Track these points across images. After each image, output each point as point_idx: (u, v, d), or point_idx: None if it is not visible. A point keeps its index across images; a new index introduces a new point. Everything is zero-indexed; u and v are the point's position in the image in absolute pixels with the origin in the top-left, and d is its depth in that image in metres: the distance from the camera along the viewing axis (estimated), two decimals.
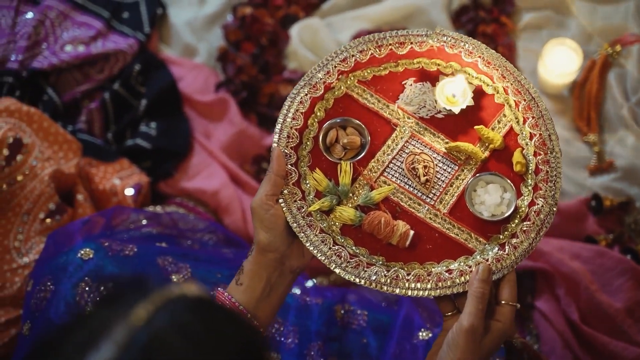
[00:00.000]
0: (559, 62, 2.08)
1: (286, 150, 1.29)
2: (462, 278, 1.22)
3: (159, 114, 2.10)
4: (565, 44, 2.08)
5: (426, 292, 1.22)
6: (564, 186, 2.03)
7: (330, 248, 1.25)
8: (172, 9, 2.31)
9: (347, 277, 1.22)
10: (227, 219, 1.99)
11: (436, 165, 1.30)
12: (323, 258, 1.24)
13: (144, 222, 1.74)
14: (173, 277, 1.56)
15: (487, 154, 1.30)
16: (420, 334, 1.57)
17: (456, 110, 1.30)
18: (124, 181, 1.95)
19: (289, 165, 1.28)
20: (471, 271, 1.22)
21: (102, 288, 1.43)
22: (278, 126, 1.30)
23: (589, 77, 2.13)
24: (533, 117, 1.29)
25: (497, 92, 1.32)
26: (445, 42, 1.33)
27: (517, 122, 1.31)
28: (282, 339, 1.57)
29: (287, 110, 1.31)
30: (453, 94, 1.31)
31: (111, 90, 2.09)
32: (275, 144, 1.29)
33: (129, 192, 1.93)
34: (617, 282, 1.87)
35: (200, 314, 0.83)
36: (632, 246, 1.94)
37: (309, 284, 1.79)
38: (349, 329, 1.61)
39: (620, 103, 2.07)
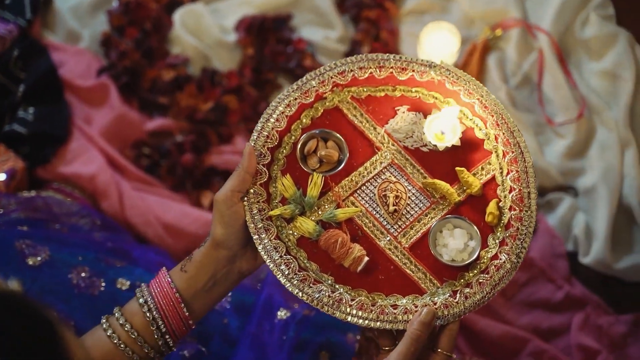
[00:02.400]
0: (437, 45, 2.10)
1: (262, 150, 1.26)
2: (406, 316, 1.19)
3: (38, 99, 2.05)
4: (443, 28, 2.11)
5: (366, 322, 1.19)
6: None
7: (281, 256, 1.22)
8: None
9: (290, 289, 1.20)
10: (104, 204, 1.97)
11: (408, 197, 1.28)
12: (271, 265, 1.21)
13: (14, 206, 1.72)
14: (29, 260, 1.55)
15: (462, 197, 1.27)
16: (279, 313, 1.59)
17: (441, 147, 1.28)
18: None
19: (261, 166, 1.26)
20: (416, 311, 1.19)
21: None
22: (259, 125, 1.27)
23: (469, 60, 2.17)
24: (517, 171, 1.26)
25: (488, 139, 1.30)
26: (447, 77, 1.30)
27: (501, 172, 1.28)
28: None
29: (272, 110, 1.29)
30: (442, 131, 1.29)
31: None
32: (251, 142, 1.26)
33: (1, 177, 1.88)
34: None
35: None
36: None
37: None
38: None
39: (498, 86, 2.13)
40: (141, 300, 1.23)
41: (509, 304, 1.93)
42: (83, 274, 1.56)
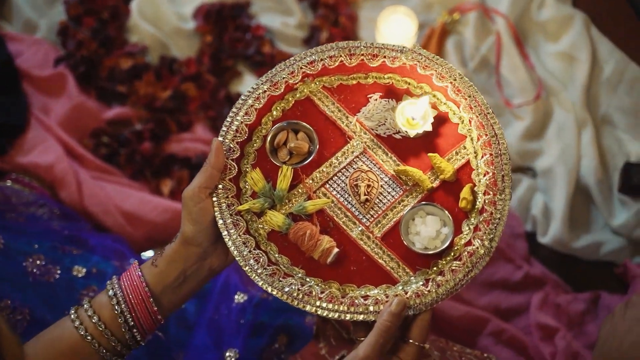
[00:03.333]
0: (394, 29, 2.09)
1: (231, 145, 1.25)
2: (376, 307, 1.18)
3: None
4: (399, 12, 2.10)
5: (336, 314, 1.18)
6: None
7: (250, 251, 1.21)
8: None
9: (259, 284, 1.19)
10: (62, 193, 1.96)
11: (381, 186, 1.26)
12: (240, 259, 1.20)
13: None
14: None
15: (436, 184, 1.25)
16: (236, 297, 1.59)
17: (412, 133, 1.26)
18: None
19: (231, 160, 1.24)
20: (387, 302, 1.18)
21: None
22: (228, 119, 1.26)
23: (428, 45, 2.18)
24: (491, 155, 1.23)
25: (462, 122, 1.27)
26: (419, 61, 1.27)
27: (476, 156, 1.26)
28: None
29: (241, 104, 1.26)
30: (413, 117, 1.26)
31: None
32: (220, 137, 1.24)
33: None
34: None
35: None
36: None
37: (148, 254, 1.82)
38: None
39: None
40: (110, 292, 1.22)
41: (468, 285, 1.93)
42: (38, 262, 1.56)
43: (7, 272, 1.53)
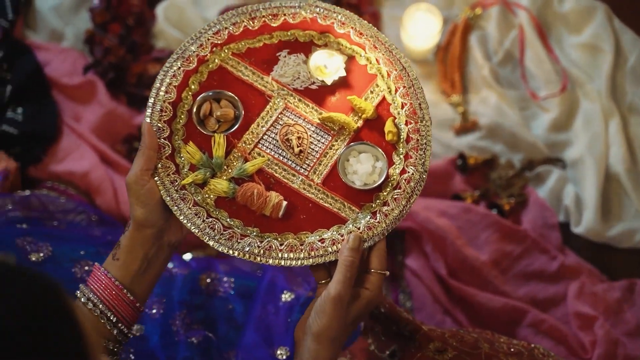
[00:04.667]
0: (419, 27, 2.12)
1: (159, 124, 1.27)
2: (335, 247, 1.23)
3: (26, 99, 2.05)
4: (424, 9, 2.13)
5: (299, 262, 1.23)
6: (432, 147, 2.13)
7: (203, 221, 1.24)
8: None
9: (220, 249, 1.23)
10: (98, 200, 1.98)
11: (310, 136, 1.31)
12: (197, 231, 1.23)
13: (10, 206, 1.73)
14: (32, 256, 1.57)
15: (360, 124, 1.31)
16: (283, 295, 1.62)
17: (328, 81, 1.32)
18: None
19: (163, 140, 1.27)
20: (343, 240, 1.23)
21: None
22: (151, 100, 1.29)
23: (451, 40, 2.20)
24: (404, 87, 1.31)
25: (370, 63, 1.34)
26: (318, 13, 1.34)
27: (390, 92, 1.32)
28: (146, 309, 1.59)
29: (159, 84, 1.30)
30: (325, 65, 1.33)
31: None
32: (147, 119, 1.27)
33: None
34: (483, 236, 1.97)
35: None
36: (497, 201, 2.04)
37: (187, 256, 1.80)
38: (215, 296, 1.64)
39: (481, 64, 2.16)
40: (83, 299, 1.24)
41: (504, 277, 1.95)
42: (86, 268, 1.57)
43: (57, 279, 1.53)
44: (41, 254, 1.57)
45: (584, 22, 2.17)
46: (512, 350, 1.46)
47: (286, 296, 1.61)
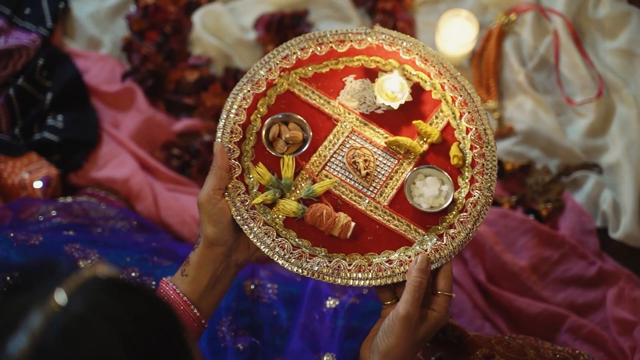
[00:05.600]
0: (455, 33, 2.13)
1: (229, 146, 1.31)
2: (402, 268, 1.25)
3: (66, 106, 2.08)
4: (460, 15, 2.13)
5: (367, 282, 1.25)
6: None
7: (273, 240, 1.26)
8: (74, 3, 2.29)
9: (290, 269, 1.24)
10: (139, 206, 2.00)
11: (376, 159, 1.34)
12: (267, 250, 1.26)
13: (54, 213, 1.76)
14: (80, 262, 1.58)
15: (425, 147, 1.34)
16: (328, 302, 1.63)
17: (395, 105, 1.35)
18: (32, 175, 1.93)
19: (233, 160, 1.30)
20: (410, 261, 1.25)
21: (8, 278, 1.42)
22: (221, 122, 1.32)
23: (486, 46, 2.20)
24: (469, 112, 1.34)
25: (435, 89, 1.37)
26: (384, 40, 1.38)
27: (454, 117, 1.35)
28: None
29: (230, 106, 1.34)
30: (392, 90, 1.36)
31: (15, 86, 2.06)
32: (218, 140, 1.31)
33: (38, 184, 1.92)
34: (521, 242, 1.98)
35: (114, 293, 0.84)
36: (534, 206, 2.04)
37: None
38: (259, 302, 1.66)
39: (517, 70, 2.16)
40: None
41: (543, 283, 1.96)
42: (133, 274, 1.59)
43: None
44: (89, 261, 1.58)
45: (619, 28, 2.17)
46: (557, 356, 1.46)
47: (330, 302, 1.62)
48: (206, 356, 1.55)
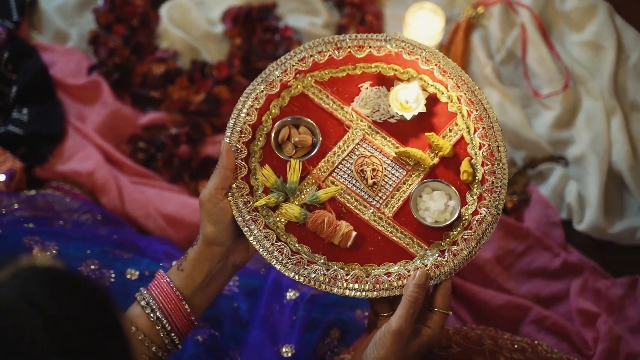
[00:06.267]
0: (422, 26, 2.12)
1: (237, 145, 1.28)
2: (400, 281, 1.22)
3: (31, 100, 2.07)
4: (426, 8, 2.13)
5: (363, 293, 1.22)
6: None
7: (272, 244, 1.24)
8: None
9: (287, 274, 1.23)
10: (103, 199, 1.99)
11: (385, 169, 1.31)
12: (265, 253, 1.24)
13: (16, 206, 1.75)
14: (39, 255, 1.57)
15: (436, 161, 1.30)
16: (288, 294, 1.63)
17: (408, 116, 1.31)
18: None
19: (239, 160, 1.28)
20: (409, 275, 1.22)
21: None
22: (231, 121, 1.30)
23: (454, 39, 2.20)
24: (483, 128, 1.30)
25: (451, 101, 1.33)
26: (403, 48, 1.34)
27: (468, 131, 1.32)
28: None
29: (241, 105, 1.31)
30: (406, 100, 1.32)
31: None
32: (226, 139, 1.28)
33: (1, 178, 1.91)
34: None
35: (47, 282, 0.83)
36: None
37: None
38: (220, 294, 1.64)
39: (484, 63, 2.17)
40: (143, 302, 1.25)
41: (507, 274, 1.96)
42: (92, 267, 1.59)
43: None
44: (48, 253, 1.58)
45: (585, 20, 2.18)
46: (515, 346, 1.47)
47: (291, 294, 1.62)
48: None
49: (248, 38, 2.21)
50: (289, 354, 1.55)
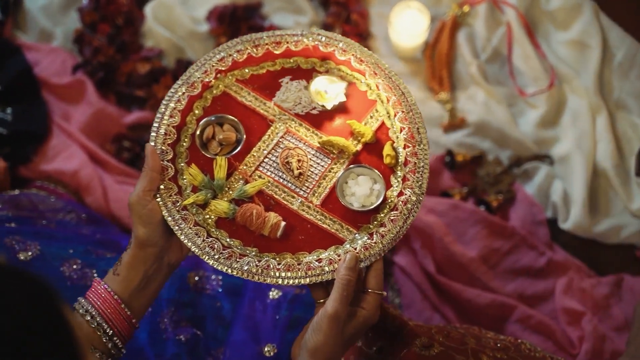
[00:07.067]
0: (407, 24, 2.13)
1: (163, 147, 1.31)
2: (331, 266, 1.25)
3: (15, 99, 2.07)
4: (412, 7, 2.14)
5: (296, 281, 1.25)
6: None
7: (204, 240, 1.26)
8: None
9: (219, 268, 1.25)
10: (88, 198, 2.00)
11: (310, 159, 1.34)
12: (197, 250, 1.26)
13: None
14: (20, 255, 1.57)
15: (359, 147, 1.34)
16: (271, 293, 1.63)
17: (329, 106, 1.36)
18: None
19: (166, 162, 1.30)
20: (340, 260, 1.25)
21: None
22: (155, 124, 1.32)
23: (439, 38, 2.21)
24: (403, 112, 1.34)
25: (370, 89, 1.38)
26: (319, 41, 1.39)
27: (389, 116, 1.36)
28: None
29: (164, 108, 1.33)
30: (325, 91, 1.37)
31: None
32: (151, 142, 1.30)
33: None
34: (471, 232, 1.99)
35: None
36: (485, 198, 2.05)
37: None
38: (202, 294, 1.66)
39: (469, 61, 2.17)
40: (82, 310, 1.25)
41: (492, 273, 1.96)
42: (75, 266, 1.58)
43: (49, 280, 1.54)
44: (29, 253, 1.57)
45: (571, 19, 2.18)
46: (498, 345, 1.47)
47: (274, 293, 1.62)
48: (147, 348, 1.55)
49: (233, 37, 2.19)
50: (271, 353, 1.55)
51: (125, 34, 2.20)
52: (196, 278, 1.66)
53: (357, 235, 1.29)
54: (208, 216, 1.30)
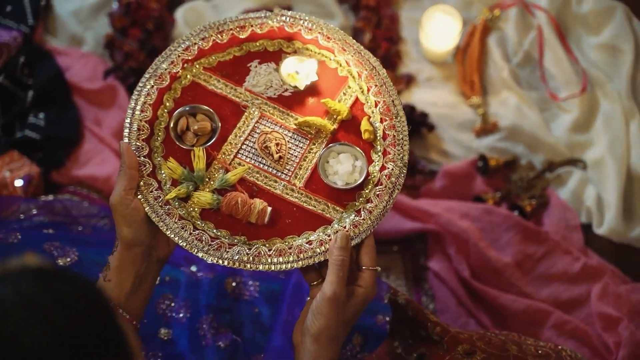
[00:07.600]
0: (439, 29, 2.13)
1: (137, 143, 1.29)
2: (322, 247, 1.25)
3: (47, 104, 2.07)
4: (443, 11, 2.14)
5: (289, 265, 1.24)
6: (452, 149, 2.12)
7: (190, 234, 1.25)
8: (56, 0, 2.28)
9: (210, 260, 1.23)
10: None
11: (288, 141, 1.33)
12: (184, 244, 1.24)
13: (35, 211, 1.75)
14: (59, 261, 1.56)
15: (335, 125, 1.33)
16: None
17: (301, 86, 1.35)
18: (13, 173, 1.92)
19: (142, 157, 1.28)
20: (330, 240, 1.25)
21: None
22: (127, 120, 1.31)
23: (470, 42, 2.21)
24: (376, 86, 1.33)
25: (340, 65, 1.37)
26: (284, 22, 1.37)
27: (362, 92, 1.35)
28: (174, 314, 1.59)
29: (134, 103, 1.32)
30: (296, 71, 1.35)
31: None
32: (125, 139, 1.29)
33: (18, 183, 1.91)
34: (505, 238, 1.97)
35: (40, 281, 0.83)
36: (518, 202, 2.03)
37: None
38: (240, 300, 1.64)
39: (501, 66, 2.17)
40: None
41: (527, 279, 1.95)
42: None
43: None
44: (68, 259, 1.57)
45: (603, 23, 2.17)
46: (539, 352, 1.45)
47: None
48: (187, 353, 1.54)
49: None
50: None
51: (155, 39, 2.20)
52: (234, 284, 1.65)
53: (344, 213, 1.29)
54: (192, 209, 1.29)
